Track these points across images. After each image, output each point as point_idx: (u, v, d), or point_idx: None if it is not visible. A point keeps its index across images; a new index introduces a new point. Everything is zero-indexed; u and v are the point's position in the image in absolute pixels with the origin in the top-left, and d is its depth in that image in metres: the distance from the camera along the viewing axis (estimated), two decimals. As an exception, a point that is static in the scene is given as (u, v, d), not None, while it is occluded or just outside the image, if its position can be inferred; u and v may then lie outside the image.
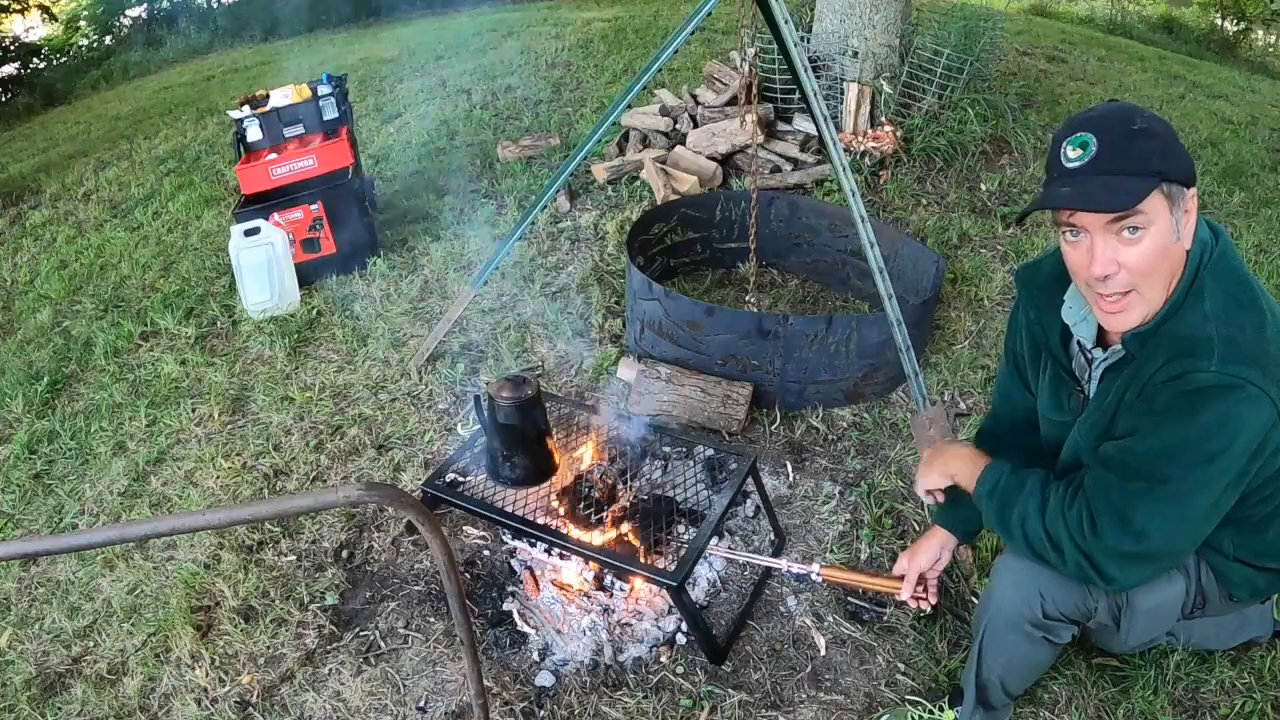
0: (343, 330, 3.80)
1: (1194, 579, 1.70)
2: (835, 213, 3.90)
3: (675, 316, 3.10)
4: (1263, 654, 2.12)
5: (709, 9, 2.75)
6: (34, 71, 11.49)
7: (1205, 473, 1.39)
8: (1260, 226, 4.46)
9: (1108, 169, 1.36)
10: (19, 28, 12.61)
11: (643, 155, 4.95)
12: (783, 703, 2.11)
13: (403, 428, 3.15)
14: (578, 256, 4.26)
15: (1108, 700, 2.04)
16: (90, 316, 4.23)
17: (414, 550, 2.60)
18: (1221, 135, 5.84)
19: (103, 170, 6.50)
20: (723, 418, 2.98)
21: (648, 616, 2.29)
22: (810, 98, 2.72)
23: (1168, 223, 1.38)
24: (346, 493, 1.33)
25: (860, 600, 2.37)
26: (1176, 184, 1.37)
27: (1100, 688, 2.06)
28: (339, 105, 4.36)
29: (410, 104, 6.93)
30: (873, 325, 2.95)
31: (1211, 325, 1.39)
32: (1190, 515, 1.43)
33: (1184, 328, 1.42)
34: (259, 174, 4.09)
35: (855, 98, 4.87)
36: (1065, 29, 9.92)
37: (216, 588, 2.51)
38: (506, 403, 2.23)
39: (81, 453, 3.25)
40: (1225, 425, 1.35)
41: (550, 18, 9.52)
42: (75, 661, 2.36)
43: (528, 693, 2.13)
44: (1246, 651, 2.13)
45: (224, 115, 6.11)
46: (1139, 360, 1.47)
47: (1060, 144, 1.41)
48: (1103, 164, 1.36)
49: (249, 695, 2.18)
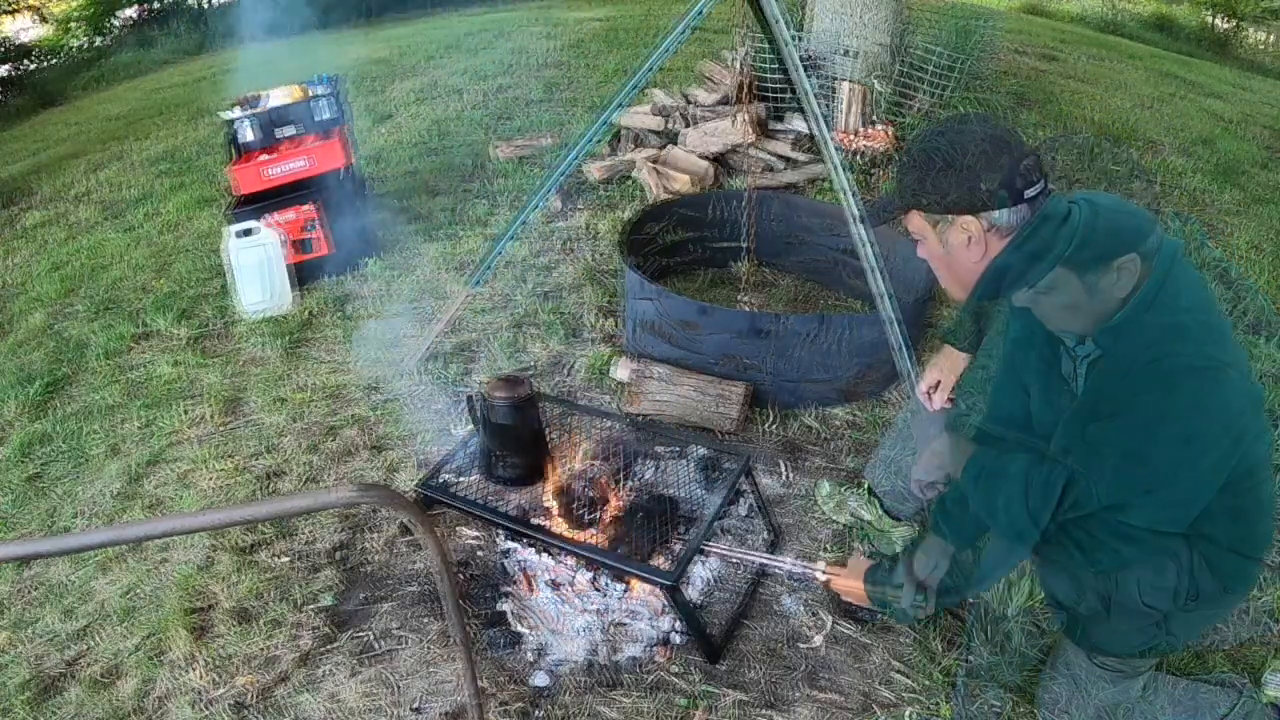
0: (337, 331, 3.80)
1: (1186, 570, 1.70)
2: (829, 211, 3.90)
3: (670, 316, 3.10)
4: (1261, 654, 2.13)
5: (703, 9, 2.75)
6: (27, 73, 11.46)
7: (1185, 453, 1.46)
8: (1254, 224, 4.48)
9: (895, 190, 1.68)
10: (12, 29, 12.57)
11: (636, 155, 4.96)
12: (779, 702, 2.11)
13: (397, 428, 3.14)
14: (571, 256, 4.26)
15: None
16: (84, 318, 4.22)
17: (409, 551, 2.60)
18: (1215, 133, 5.87)
19: (96, 171, 6.48)
20: (718, 417, 2.98)
21: (643, 616, 2.29)
22: (804, 97, 2.73)
23: (934, 237, 1.63)
24: (341, 494, 1.32)
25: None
26: (930, 211, 1.60)
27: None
28: (334, 106, 4.36)
29: (404, 104, 6.93)
30: (867, 324, 2.96)
31: (1187, 315, 1.48)
32: (1173, 496, 1.52)
33: (1163, 316, 1.48)
34: (253, 175, 4.08)
35: (849, 97, 4.88)
36: (1059, 27, 9.95)
37: (212, 589, 2.50)
38: (501, 403, 2.23)
39: (76, 455, 3.24)
40: (1201, 407, 1.43)
41: (543, 18, 9.53)
42: (71, 664, 2.36)
43: (523, 693, 2.13)
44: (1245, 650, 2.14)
45: (217, 116, 6.09)
46: (1117, 352, 1.53)
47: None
48: (895, 183, 1.68)
49: (245, 697, 2.18)
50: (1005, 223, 1.56)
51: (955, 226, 1.59)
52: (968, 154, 1.55)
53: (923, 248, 1.70)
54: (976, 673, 2.14)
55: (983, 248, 1.59)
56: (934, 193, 1.58)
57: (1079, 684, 1.79)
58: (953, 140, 1.56)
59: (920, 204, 1.61)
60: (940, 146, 1.57)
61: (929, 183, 1.58)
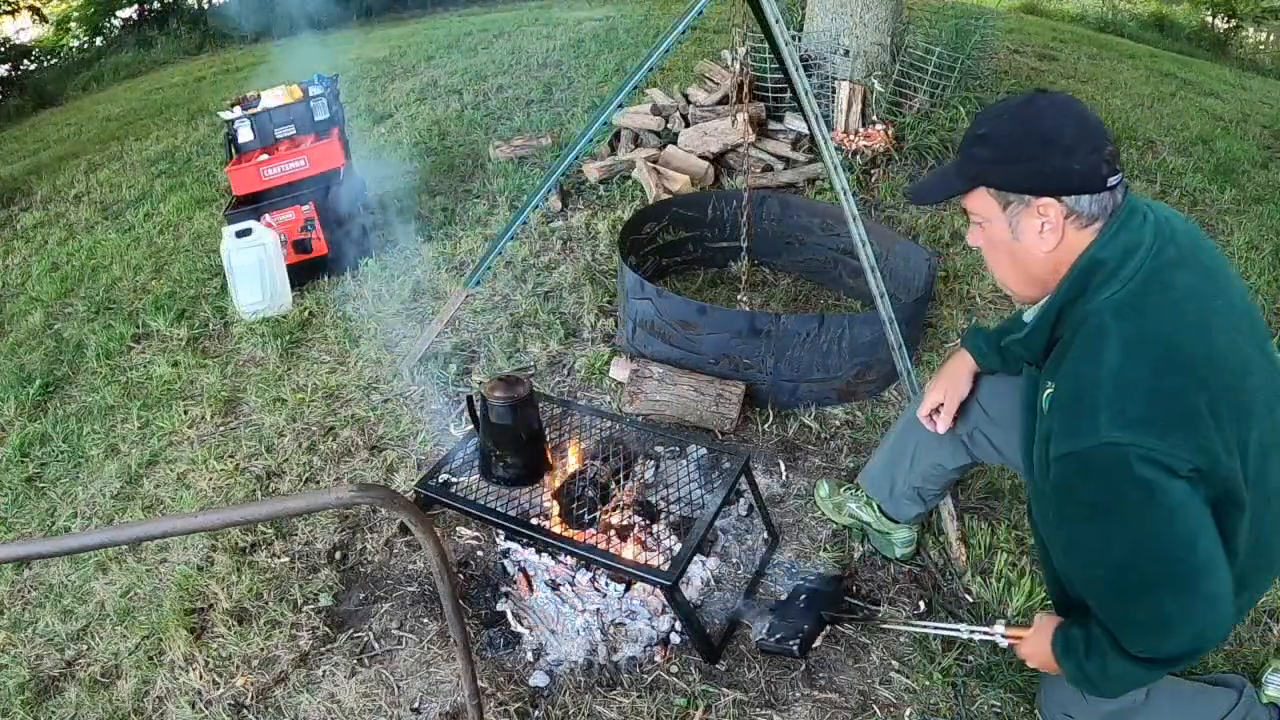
0: (335, 331, 3.80)
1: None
2: (827, 211, 3.90)
3: (668, 316, 3.10)
4: (1261, 654, 2.14)
5: (701, 9, 2.75)
6: (24, 73, 11.44)
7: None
8: (1251, 223, 4.49)
9: (956, 164, 1.55)
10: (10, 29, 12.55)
11: (635, 154, 4.96)
12: (777, 701, 2.11)
13: (396, 428, 3.14)
14: (570, 256, 4.26)
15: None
16: (82, 319, 4.22)
17: (408, 551, 2.60)
18: (1213, 133, 5.87)
19: (94, 172, 6.48)
20: (716, 417, 2.98)
21: (642, 616, 2.29)
22: (802, 96, 2.73)
23: (1002, 221, 1.50)
24: (340, 494, 1.33)
25: (854, 598, 2.37)
26: (1004, 190, 1.47)
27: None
28: (330, 106, 4.36)
29: (402, 104, 6.93)
30: (865, 323, 2.96)
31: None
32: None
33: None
34: (250, 175, 4.07)
35: (847, 96, 4.88)
36: (1057, 27, 9.96)
37: (210, 590, 2.50)
38: (499, 403, 2.23)
39: (74, 455, 3.24)
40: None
41: (541, 17, 9.52)
42: (69, 665, 2.36)
43: (522, 693, 2.13)
44: (1245, 650, 2.14)
45: (215, 116, 6.09)
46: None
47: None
48: (955, 158, 1.55)
49: (243, 697, 2.18)
50: (1087, 211, 1.43)
51: (1031, 209, 1.45)
52: (1062, 128, 1.41)
53: (979, 234, 1.56)
54: (977, 673, 2.14)
55: (1057, 236, 1.45)
56: (1016, 167, 1.44)
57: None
58: (1044, 111, 1.43)
59: (993, 180, 1.47)
60: (1028, 117, 1.44)
61: (1011, 156, 1.44)
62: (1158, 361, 1.36)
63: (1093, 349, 1.41)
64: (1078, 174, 1.40)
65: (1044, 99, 1.46)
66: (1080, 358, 1.42)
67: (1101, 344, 1.39)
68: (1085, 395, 1.38)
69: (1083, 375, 1.40)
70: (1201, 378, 1.36)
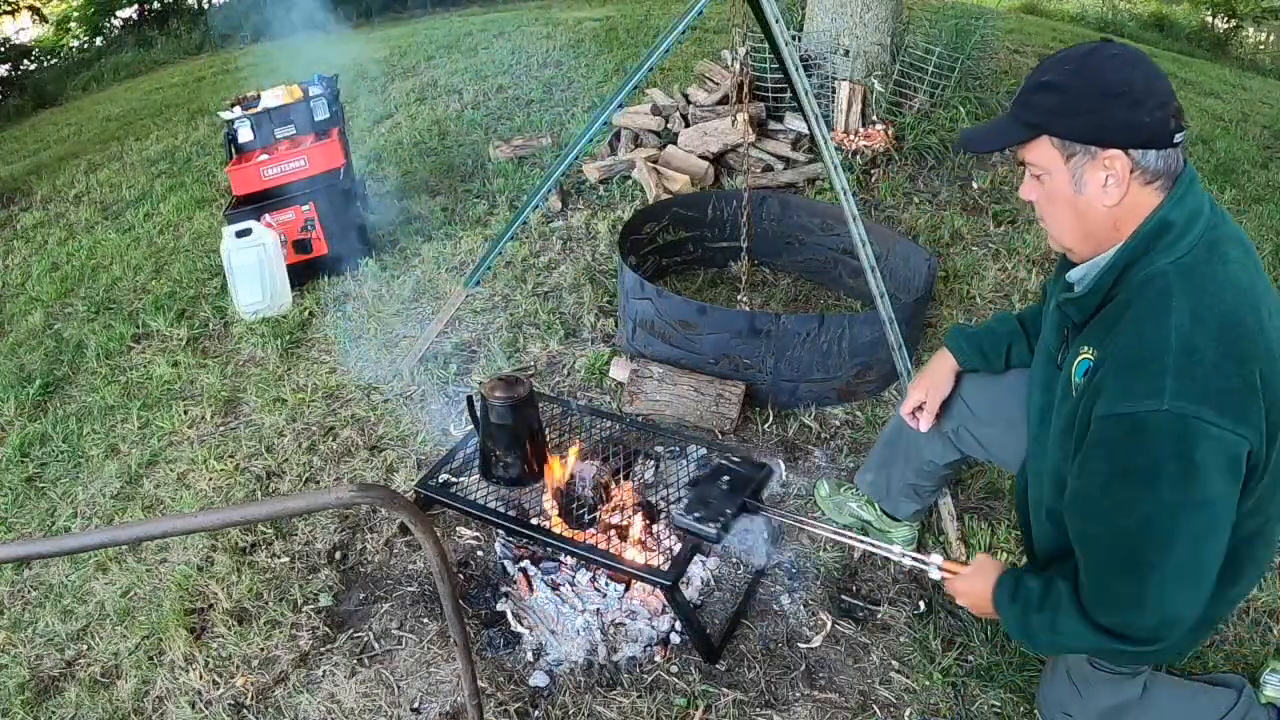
0: (335, 331, 3.79)
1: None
2: (827, 211, 3.90)
3: (668, 316, 3.10)
4: (1260, 654, 2.14)
5: (701, 9, 2.75)
6: (24, 73, 11.45)
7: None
8: (1251, 223, 4.49)
9: (1013, 113, 1.47)
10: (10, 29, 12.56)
11: (634, 154, 4.96)
12: (777, 701, 2.11)
13: (396, 428, 3.14)
14: (570, 256, 4.26)
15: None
16: (82, 319, 4.22)
17: (407, 551, 2.60)
18: (1213, 132, 5.87)
19: (94, 172, 6.48)
20: (716, 417, 2.98)
21: (642, 616, 2.29)
22: (802, 96, 2.73)
23: (1065, 173, 1.43)
24: (339, 494, 1.32)
25: (854, 598, 2.38)
26: (1069, 140, 1.40)
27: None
28: (330, 106, 4.35)
29: (402, 104, 6.93)
30: (865, 324, 2.96)
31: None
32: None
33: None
34: (250, 175, 4.07)
35: (847, 96, 4.88)
36: (1057, 27, 9.96)
37: (210, 590, 2.50)
38: (499, 403, 2.23)
39: (74, 455, 3.24)
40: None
41: (541, 17, 9.52)
42: (69, 665, 2.36)
43: (522, 693, 2.13)
44: (1244, 650, 2.14)
45: (215, 116, 6.08)
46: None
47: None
48: (1013, 108, 1.48)
49: (243, 697, 2.18)
50: (1153, 166, 1.39)
51: (1097, 161, 1.39)
52: (1131, 79, 1.35)
53: (1035, 187, 1.49)
54: (977, 673, 2.15)
55: (1122, 191, 1.40)
56: (1082, 117, 1.38)
57: (1078, 685, 1.79)
58: (1111, 61, 1.37)
59: (1057, 129, 1.40)
60: (1095, 66, 1.38)
61: (1078, 105, 1.37)
62: (1221, 332, 1.33)
63: (1158, 311, 1.36)
64: (1146, 127, 1.36)
65: (1111, 48, 1.41)
66: (1144, 318, 1.38)
67: (1167, 306, 1.35)
68: (1151, 357, 1.33)
69: (1147, 335, 1.35)
70: (1257, 354, 1.34)
